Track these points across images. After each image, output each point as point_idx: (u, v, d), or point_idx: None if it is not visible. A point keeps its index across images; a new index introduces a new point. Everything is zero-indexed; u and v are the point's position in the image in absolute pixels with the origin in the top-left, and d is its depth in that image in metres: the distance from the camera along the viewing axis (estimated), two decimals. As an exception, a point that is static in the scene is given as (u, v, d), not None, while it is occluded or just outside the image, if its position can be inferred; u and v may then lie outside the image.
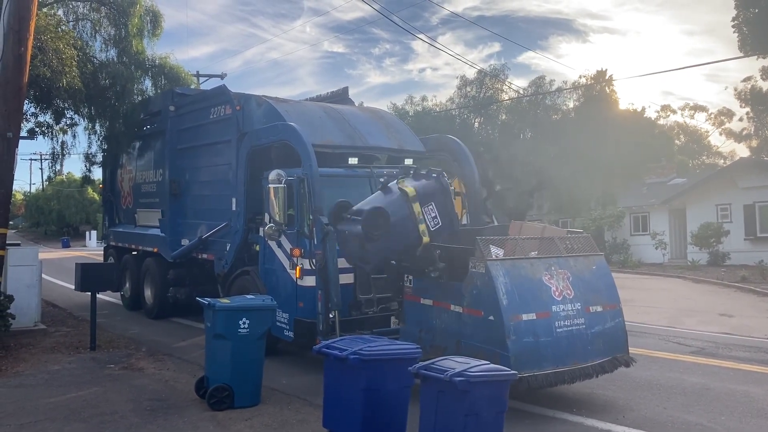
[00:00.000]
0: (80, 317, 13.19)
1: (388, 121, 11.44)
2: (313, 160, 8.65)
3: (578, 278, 7.15)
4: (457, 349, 6.74)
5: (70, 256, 33.29)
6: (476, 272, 6.75)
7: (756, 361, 9.75)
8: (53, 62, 11.59)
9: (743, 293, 19.18)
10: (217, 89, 11.92)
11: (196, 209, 12.00)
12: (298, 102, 11.64)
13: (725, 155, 50.60)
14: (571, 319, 6.84)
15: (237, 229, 10.20)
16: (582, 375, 6.79)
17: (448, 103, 30.67)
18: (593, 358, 6.89)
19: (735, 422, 6.81)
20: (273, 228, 8.86)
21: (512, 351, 6.31)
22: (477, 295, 6.74)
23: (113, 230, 15.61)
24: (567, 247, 7.43)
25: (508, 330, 6.37)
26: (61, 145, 15.74)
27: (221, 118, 11.02)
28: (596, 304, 7.14)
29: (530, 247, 7.29)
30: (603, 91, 28.86)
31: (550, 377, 6.49)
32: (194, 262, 12.08)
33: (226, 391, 6.97)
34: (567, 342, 6.74)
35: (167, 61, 15.37)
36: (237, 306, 7.02)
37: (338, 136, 9.95)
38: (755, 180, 26.97)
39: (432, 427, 4.77)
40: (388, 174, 9.63)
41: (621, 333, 7.30)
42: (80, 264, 10.27)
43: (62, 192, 58.96)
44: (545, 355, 6.55)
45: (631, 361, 7.31)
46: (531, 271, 6.90)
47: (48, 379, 8.39)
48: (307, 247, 8.56)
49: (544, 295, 6.81)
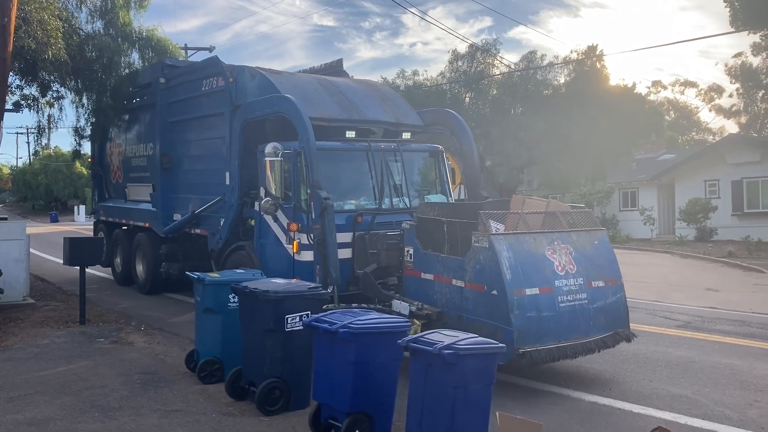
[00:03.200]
0: (69, 291, 13.17)
1: (384, 94, 11.25)
2: (310, 133, 8.54)
3: (580, 253, 7.14)
4: (459, 323, 6.72)
5: (58, 230, 33.11)
6: (479, 246, 6.70)
7: (740, 334, 9.89)
8: (38, 33, 11.40)
9: (729, 268, 19.40)
10: (209, 60, 11.67)
11: (188, 184, 11.86)
12: (293, 74, 11.43)
13: (715, 131, 50.88)
14: (573, 294, 6.84)
15: (231, 203, 10.09)
16: (584, 350, 6.79)
17: (439, 78, 30.49)
18: (595, 333, 6.90)
19: (719, 394, 6.92)
20: (269, 202, 8.75)
21: (515, 325, 6.31)
22: (480, 270, 6.70)
23: (103, 205, 15.44)
24: (569, 221, 7.40)
25: (512, 304, 6.36)
26: (47, 118, 15.60)
27: (213, 90, 10.82)
28: (598, 279, 7.14)
29: (532, 221, 7.21)
30: (594, 66, 28.77)
31: (553, 352, 6.50)
32: (187, 237, 11.99)
33: (216, 364, 7.00)
34: (569, 317, 6.75)
35: (154, 34, 15.14)
36: (227, 280, 7.02)
37: (334, 109, 9.77)
38: (743, 156, 27.14)
39: (421, 399, 4.82)
40: (386, 147, 9.61)
41: (622, 308, 7.32)
42: (68, 238, 10.22)
43: (50, 166, 58.48)
44: (548, 329, 6.55)
45: (632, 336, 7.35)
46: (534, 246, 6.86)
47: (37, 353, 8.39)
48: (304, 221, 8.46)
49: (546, 270, 6.79)
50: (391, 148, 9.68)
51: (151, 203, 12.58)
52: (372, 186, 9.28)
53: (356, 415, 5.27)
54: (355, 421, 5.26)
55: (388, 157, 9.53)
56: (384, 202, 9.23)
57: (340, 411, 5.33)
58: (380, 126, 10.31)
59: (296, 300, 6.12)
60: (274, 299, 6.00)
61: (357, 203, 9.13)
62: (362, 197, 9.23)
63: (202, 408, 6.25)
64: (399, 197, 9.49)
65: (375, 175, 9.30)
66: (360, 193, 9.30)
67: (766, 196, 26.55)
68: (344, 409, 5.29)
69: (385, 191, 9.28)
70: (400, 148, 9.79)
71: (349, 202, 9.05)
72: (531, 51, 35.13)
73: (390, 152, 9.62)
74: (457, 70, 30.18)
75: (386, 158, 9.48)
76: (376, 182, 9.27)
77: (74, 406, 6.31)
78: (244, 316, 6.41)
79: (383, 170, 9.34)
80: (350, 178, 9.51)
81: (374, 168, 9.33)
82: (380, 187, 9.24)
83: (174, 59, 13.81)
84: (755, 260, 20.44)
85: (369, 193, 9.29)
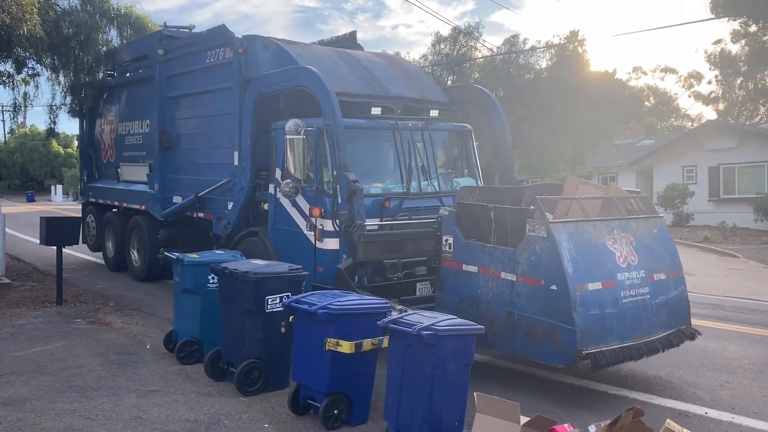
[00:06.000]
0: (46, 272, 13.03)
1: (406, 69, 10.41)
2: (336, 109, 7.74)
3: (641, 243, 6.53)
4: (509, 321, 6.21)
5: (35, 210, 32.65)
6: (535, 236, 6.02)
7: (714, 317, 10.07)
8: (12, 8, 11.13)
9: (705, 252, 19.71)
10: (215, 30, 10.42)
11: (189, 164, 11.05)
12: (309, 45, 10.50)
13: (693, 118, 51.41)
14: (636, 289, 6.25)
15: (242, 185, 9.29)
16: (649, 350, 6.24)
17: (421, 60, 30.35)
18: (657, 331, 6.36)
19: (691, 375, 7.06)
20: (290, 185, 7.85)
21: (579, 324, 5.71)
22: (536, 262, 6.04)
23: (92, 186, 14.54)
24: (627, 208, 6.78)
25: (574, 301, 5.74)
26: (23, 96, 15.20)
27: (220, 62, 10.02)
28: (660, 271, 6.58)
29: (589, 208, 6.48)
30: (575, 51, 28.81)
31: (617, 353, 5.93)
32: (187, 221, 11.23)
33: (195, 345, 7.00)
34: (632, 314, 6.17)
35: (133, 11, 14.86)
36: (206, 261, 6.98)
37: (356, 83, 8.96)
38: (720, 142, 27.48)
39: (399, 379, 4.85)
40: (413, 126, 8.84)
41: (684, 303, 6.80)
42: (45, 218, 10.07)
43: (26, 145, 57.63)
44: (611, 328, 5.96)
45: (696, 333, 6.83)
46: (594, 235, 6.23)
47: (13, 333, 8.31)
48: (328, 206, 7.68)
49: (608, 262, 6.17)
50: (418, 127, 8.93)
51: (148, 185, 11.84)
52: (398, 168, 8.55)
53: (334, 396, 5.31)
54: (333, 401, 5.30)
55: (415, 136, 8.81)
56: (411, 186, 8.49)
57: (319, 391, 5.36)
58: (405, 102, 9.34)
59: (277, 281, 6.11)
60: (254, 280, 5.98)
61: (383, 186, 8.41)
62: (388, 180, 8.53)
63: (180, 388, 6.25)
64: (427, 180, 8.75)
65: (402, 156, 8.55)
66: (385, 175, 8.61)
67: (742, 182, 26.93)
68: (323, 390, 5.32)
69: (413, 174, 8.56)
70: (428, 127, 9.00)
71: (375, 185, 8.29)
72: (513, 35, 35.16)
73: (417, 131, 8.87)
74: (440, 52, 30.04)
75: (414, 137, 8.78)
76: (403, 164, 8.53)
77: (51, 386, 6.27)
78: (223, 297, 6.39)
79: (410, 151, 8.61)
80: (375, 159, 8.85)
81: (401, 148, 8.57)
82: (408, 169, 8.51)
83: (173, 30, 12.68)
84: (730, 245, 20.79)
85: (394, 175, 8.56)
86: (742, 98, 41.26)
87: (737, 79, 39.91)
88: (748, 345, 8.52)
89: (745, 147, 26.71)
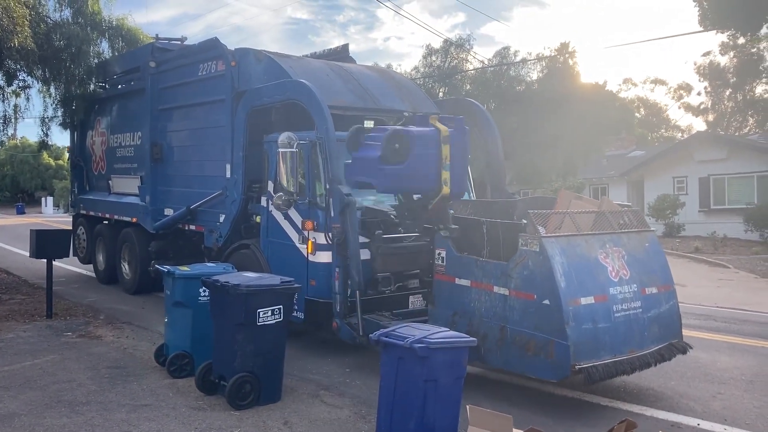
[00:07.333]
0: (36, 285, 12.92)
1: (399, 82, 10.53)
2: (329, 122, 7.80)
3: (632, 257, 6.56)
4: (501, 335, 6.18)
5: (25, 222, 32.47)
6: (528, 250, 6.01)
7: (705, 328, 10.09)
8: (3, 21, 11.12)
9: (696, 263, 19.78)
10: (207, 42, 10.49)
11: (181, 176, 11.05)
12: (302, 58, 10.56)
13: (683, 129, 51.82)
14: (628, 303, 6.26)
15: (234, 198, 9.32)
16: (641, 364, 6.23)
17: (413, 72, 30.48)
18: (649, 345, 6.36)
19: (683, 387, 7.06)
20: (283, 198, 7.94)
21: (571, 339, 5.70)
22: (529, 276, 6.02)
23: (83, 198, 14.47)
24: (620, 222, 6.82)
25: (567, 316, 5.73)
26: (13, 108, 15.15)
27: (212, 74, 10.07)
28: (651, 285, 6.60)
29: (582, 222, 6.49)
30: (566, 63, 29.03)
31: (610, 367, 5.92)
32: (179, 234, 11.21)
33: (186, 358, 6.95)
34: (624, 328, 6.18)
35: (125, 23, 14.85)
36: (197, 273, 6.95)
37: (348, 96, 9.04)
38: (710, 153, 27.66)
39: (392, 392, 4.84)
40: None
41: (676, 317, 6.80)
42: (35, 230, 10.01)
43: (16, 157, 57.38)
44: (603, 342, 5.97)
45: (688, 347, 6.82)
46: (587, 250, 6.24)
47: (2, 347, 8.23)
48: (320, 219, 7.75)
49: (601, 276, 6.18)
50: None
51: (139, 197, 11.78)
52: None
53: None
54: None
55: None
56: None
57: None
58: (397, 116, 9.21)
59: (268, 294, 6.08)
60: (245, 293, 5.95)
61: (375, 199, 8.37)
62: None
63: (171, 402, 6.19)
64: None
65: None
66: None
67: (732, 193, 27.09)
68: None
69: None
70: None
71: (367, 198, 8.25)
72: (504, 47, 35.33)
73: None
74: (431, 65, 30.21)
75: None
76: None
77: (40, 401, 6.20)
78: (214, 310, 6.35)
79: None
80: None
81: None
82: None
83: (165, 42, 12.73)
84: (721, 255, 20.88)
85: None
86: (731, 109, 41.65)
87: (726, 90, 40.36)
88: (739, 356, 8.54)
89: (735, 158, 26.90)
